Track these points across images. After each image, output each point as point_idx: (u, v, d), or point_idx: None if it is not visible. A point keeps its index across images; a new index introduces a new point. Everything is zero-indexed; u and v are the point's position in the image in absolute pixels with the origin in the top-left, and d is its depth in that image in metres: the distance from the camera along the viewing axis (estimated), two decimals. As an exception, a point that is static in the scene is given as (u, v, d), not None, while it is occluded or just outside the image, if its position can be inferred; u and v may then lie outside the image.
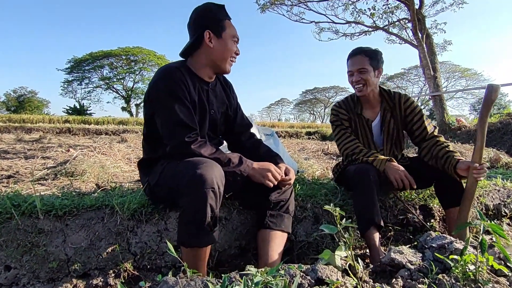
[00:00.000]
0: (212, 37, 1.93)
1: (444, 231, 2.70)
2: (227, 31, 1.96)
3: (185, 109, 1.84)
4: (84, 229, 1.88)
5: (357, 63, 2.45)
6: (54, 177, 3.41)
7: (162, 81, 1.86)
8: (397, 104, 2.56)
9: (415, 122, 2.53)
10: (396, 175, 2.26)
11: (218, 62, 1.98)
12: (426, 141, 2.48)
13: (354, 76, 2.47)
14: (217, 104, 2.09)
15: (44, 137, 9.46)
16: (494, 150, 6.53)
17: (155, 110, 1.90)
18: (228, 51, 1.97)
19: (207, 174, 1.58)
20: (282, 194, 2.05)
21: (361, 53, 2.46)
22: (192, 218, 1.59)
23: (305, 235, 2.36)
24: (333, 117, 2.64)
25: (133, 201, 2.02)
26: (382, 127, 2.57)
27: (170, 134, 1.82)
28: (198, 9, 1.98)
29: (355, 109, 2.59)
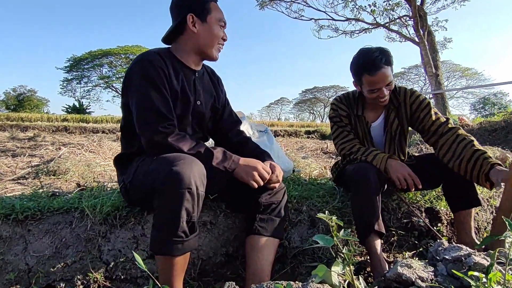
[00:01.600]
0: (196, 21, 1.76)
1: (452, 236, 2.51)
2: (212, 14, 1.78)
3: (161, 97, 1.64)
4: (48, 235, 1.68)
5: (385, 78, 2.07)
6: (35, 176, 3.21)
7: (138, 65, 1.68)
8: (403, 102, 2.28)
9: (423, 117, 2.20)
10: (399, 174, 2.03)
11: (204, 48, 1.80)
12: (443, 137, 2.12)
13: (380, 91, 2.10)
14: (205, 95, 1.90)
15: (39, 135, 9.28)
16: (500, 149, 6.35)
17: (129, 97, 1.70)
18: (214, 36, 1.80)
19: (184, 172, 1.37)
20: (273, 195, 1.83)
21: (385, 64, 2.06)
22: (164, 222, 1.39)
23: (299, 240, 2.15)
24: (332, 112, 2.39)
25: (106, 203, 1.81)
26: (385, 128, 2.32)
27: (143, 122, 1.62)
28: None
29: (355, 109, 2.33)
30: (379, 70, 2.04)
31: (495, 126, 9.10)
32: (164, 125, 1.60)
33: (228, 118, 2.07)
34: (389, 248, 2.34)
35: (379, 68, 2.04)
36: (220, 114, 2.03)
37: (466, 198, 2.16)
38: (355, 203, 2.08)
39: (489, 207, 2.79)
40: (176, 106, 1.73)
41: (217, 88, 2.02)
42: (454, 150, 2.06)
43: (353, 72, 2.22)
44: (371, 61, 2.06)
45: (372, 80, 2.07)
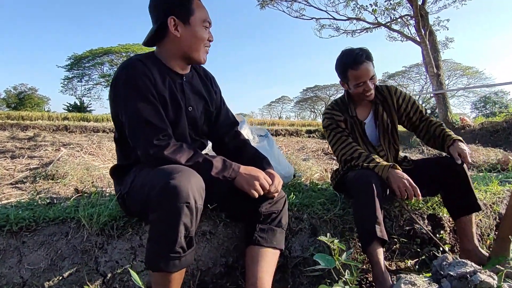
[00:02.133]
0: (178, 24, 1.66)
1: (455, 243, 2.47)
2: (196, 15, 1.68)
3: (150, 106, 1.57)
4: (44, 247, 1.63)
5: (367, 72, 2.26)
6: (33, 180, 3.18)
7: (121, 75, 1.60)
8: (388, 96, 2.46)
9: (410, 108, 2.46)
10: (400, 184, 2.01)
11: (189, 52, 1.71)
12: (423, 122, 2.45)
13: (365, 85, 2.28)
14: (195, 99, 1.82)
15: (39, 134, 9.24)
16: (501, 151, 6.32)
17: (117, 110, 1.65)
18: (198, 39, 1.70)
19: (182, 185, 1.33)
20: (274, 204, 1.78)
21: (366, 59, 2.26)
22: (161, 238, 1.34)
23: (300, 249, 2.12)
24: (327, 121, 2.44)
25: (103, 213, 1.76)
26: (376, 122, 2.43)
27: (135, 136, 1.57)
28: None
29: (349, 111, 2.43)
30: (362, 64, 2.24)
31: (497, 127, 9.12)
32: (159, 137, 1.54)
33: (224, 120, 2.00)
34: (391, 256, 2.30)
35: (362, 63, 2.24)
36: (216, 116, 1.96)
37: (465, 203, 2.14)
38: (357, 210, 2.08)
39: (492, 213, 2.75)
40: (167, 112, 1.66)
41: (210, 89, 1.93)
42: (430, 131, 2.39)
43: (339, 71, 2.39)
44: (354, 58, 2.26)
45: (357, 74, 2.26)
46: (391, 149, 2.48)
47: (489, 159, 5.43)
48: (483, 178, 3.33)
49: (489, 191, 2.89)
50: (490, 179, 3.23)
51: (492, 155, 5.73)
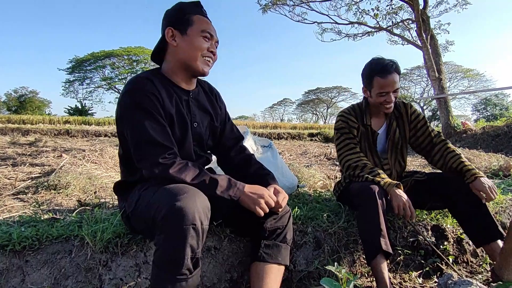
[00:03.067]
0: (175, 34, 1.69)
1: (458, 254, 2.45)
2: (194, 26, 1.69)
3: (157, 126, 1.57)
4: (47, 266, 1.62)
5: (393, 83, 2.23)
6: (35, 190, 3.16)
7: (128, 94, 1.60)
8: (404, 112, 2.46)
9: (420, 127, 2.44)
10: (400, 203, 2.03)
11: (188, 62, 1.71)
12: (437, 146, 2.39)
13: (387, 96, 2.25)
14: (201, 115, 1.83)
15: (40, 139, 9.22)
16: (503, 156, 6.30)
17: (123, 128, 1.64)
18: (195, 48, 1.69)
19: (188, 207, 1.32)
20: (278, 220, 1.78)
21: (395, 71, 2.25)
22: (167, 260, 1.33)
23: (305, 263, 2.11)
24: (342, 123, 2.41)
25: (107, 230, 1.75)
26: (388, 136, 2.41)
27: (141, 155, 1.56)
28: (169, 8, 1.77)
29: (364, 120, 2.40)
30: (390, 74, 2.22)
31: (498, 131, 9.13)
32: (164, 155, 1.53)
33: (229, 135, 2.01)
34: (395, 268, 2.29)
35: (390, 73, 2.22)
36: (220, 131, 1.97)
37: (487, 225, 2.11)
38: (361, 223, 2.08)
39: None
40: (174, 130, 1.67)
41: (215, 105, 1.94)
42: (445, 158, 2.32)
43: (365, 76, 2.35)
44: (383, 66, 2.24)
45: (383, 82, 2.23)
46: (396, 165, 2.48)
47: (491, 165, 5.41)
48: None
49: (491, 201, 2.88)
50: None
51: (494, 161, 5.71)
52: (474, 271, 2.38)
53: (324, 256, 2.16)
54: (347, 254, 2.22)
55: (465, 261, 2.45)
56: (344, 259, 2.20)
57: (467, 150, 6.59)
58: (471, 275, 2.33)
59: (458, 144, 9.06)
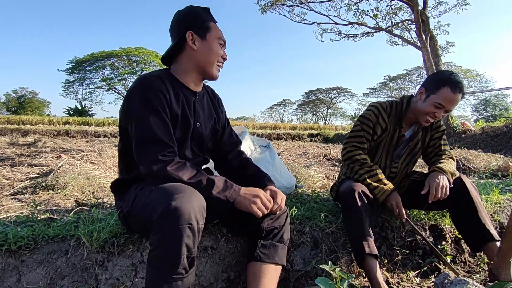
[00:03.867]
0: (195, 38, 1.73)
1: (456, 254, 2.45)
2: (212, 33, 1.76)
3: (162, 123, 1.59)
4: (43, 266, 1.62)
5: (455, 102, 2.18)
6: (33, 191, 3.16)
7: (137, 89, 1.62)
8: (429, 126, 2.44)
9: (434, 138, 2.45)
10: (393, 202, 2.15)
11: (204, 66, 1.76)
12: (438, 156, 2.41)
13: (440, 111, 2.19)
14: (204, 116, 1.85)
15: (39, 140, 9.24)
16: (502, 157, 6.30)
17: (128, 123, 1.65)
18: (214, 54, 1.76)
19: (184, 206, 1.32)
20: (275, 220, 1.78)
21: (462, 94, 2.18)
22: (163, 260, 1.33)
23: (302, 263, 2.11)
24: (372, 115, 2.33)
25: (103, 230, 1.75)
26: (409, 143, 2.40)
27: (141, 150, 1.57)
28: (181, 11, 1.80)
29: (398, 121, 2.34)
30: (459, 93, 2.15)
31: (497, 131, 9.14)
32: (164, 153, 1.55)
33: (228, 139, 2.03)
34: (393, 268, 2.29)
35: (460, 92, 2.15)
36: (220, 135, 1.99)
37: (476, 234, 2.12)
38: (347, 227, 2.14)
39: (493, 223, 2.73)
40: (176, 130, 1.68)
41: (217, 109, 1.98)
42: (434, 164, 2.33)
43: (436, 80, 2.23)
44: (459, 82, 2.16)
45: (449, 96, 2.15)
46: (403, 171, 2.48)
47: (490, 165, 5.42)
48: (484, 187, 3.32)
49: (490, 201, 2.89)
50: (490, 187, 3.22)
51: (492, 161, 5.72)
52: (472, 270, 2.38)
53: (321, 255, 2.16)
54: (345, 254, 2.22)
55: (463, 261, 2.46)
56: (341, 258, 2.20)
57: (466, 151, 6.59)
58: (469, 275, 2.33)
59: (457, 144, 9.06)
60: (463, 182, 2.18)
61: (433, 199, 2.05)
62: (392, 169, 2.41)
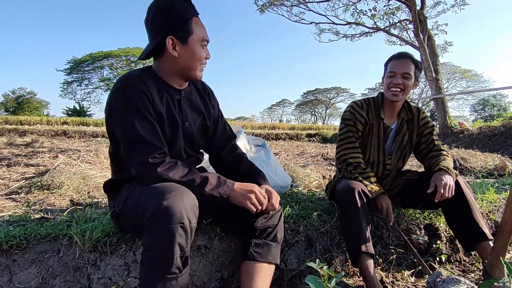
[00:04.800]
0: (176, 44, 1.62)
1: (451, 253, 2.45)
2: (194, 35, 1.64)
3: (148, 124, 1.55)
4: (35, 265, 1.61)
5: (403, 66, 2.29)
6: (28, 190, 3.15)
7: (118, 91, 1.56)
8: (415, 117, 2.48)
9: (425, 134, 2.47)
10: (384, 204, 2.20)
11: (186, 71, 1.69)
12: (432, 152, 2.43)
13: (395, 78, 2.30)
14: (192, 115, 1.80)
15: (37, 140, 9.20)
16: (499, 156, 6.31)
17: (113, 126, 1.62)
18: (196, 59, 1.67)
19: (175, 206, 1.31)
20: (269, 219, 1.77)
21: (409, 58, 2.32)
22: (156, 260, 1.32)
23: (296, 262, 2.10)
24: (349, 114, 2.42)
25: (96, 230, 1.74)
26: (396, 137, 2.43)
27: (130, 154, 1.54)
28: (159, 3, 1.63)
29: (378, 114, 2.42)
30: (404, 58, 2.32)
31: (495, 131, 9.19)
32: (154, 155, 1.52)
33: (221, 134, 1.99)
34: (388, 267, 2.29)
35: (404, 57, 2.32)
36: (213, 130, 1.94)
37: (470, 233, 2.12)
38: (343, 225, 2.14)
39: (489, 222, 2.73)
40: (164, 129, 1.65)
41: (208, 104, 1.91)
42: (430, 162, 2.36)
43: (385, 63, 2.42)
44: (401, 52, 2.38)
45: (395, 63, 2.32)
46: (398, 165, 2.51)
47: (487, 165, 5.44)
48: (480, 186, 3.32)
49: (485, 200, 2.89)
50: (486, 186, 3.23)
51: (489, 160, 5.73)
52: (467, 269, 2.38)
53: (316, 255, 2.16)
54: (339, 253, 2.22)
55: (458, 260, 2.46)
56: (336, 258, 2.19)
57: (463, 150, 6.59)
58: (463, 274, 2.33)
59: (454, 144, 9.07)
60: (457, 181, 2.18)
61: (440, 199, 2.03)
62: (386, 166, 2.43)
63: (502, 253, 1.83)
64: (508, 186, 3.43)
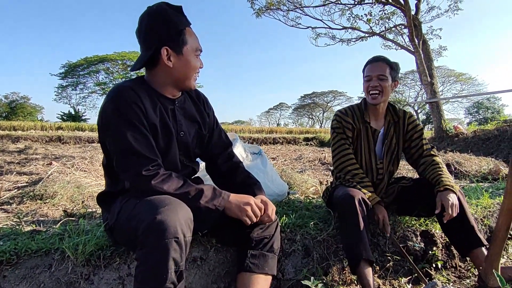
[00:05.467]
0: (171, 54, 1.62)
1: (447, 259, 2.45)
2: (188, 45, 1.65)
3: (141, 137, 1.53)
4: (26, 281, 1.57)
5: (377, 69, 2.35)
6: (21, 201, 3.10)
7: (110, 103, 1.55)
8: (401, 120, 2.51)
9: (415, 139, 2.49)
10: (380, 216, 2.22)
11: (181, 81, 1.69)
12: (423, 158, 2.44)
13: (372, 81, 2.35)
14: (187, 124, 1.79)
15: (30, 147, 9.12)
16: (493, 160, 6.34)
17: (105, 138, 1.60)
18: (191, 69, 1.68)
19: (170, 220, 1.29)
20: (265, 230, 1.76)
21: (382, 60, 2.38)
22: (150, 276, 1.29)
23: (294, 271, 2.09)
24: (336, 123, 2.47)
25: (89, 243, 1.70)
26: (385, 140, 2.46)
27: (123, 167, 1.52)
28: (152, 13, 1.63)
29: (363, 118, 2.45)
30: (376, 61, 2.38)
31: (489, 134, 9.28)
32: (147, 167, 1.50)
33: (217, 142, 1.97)
34: (384, 274, 2.28)
35: (377, 60, 2.39)
36: (208, 138, 1.93)
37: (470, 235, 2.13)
38: (342, 232, 2.16)
39: (483, 227, 2.73)
40: (158, 140, 1.63)
41: (202, 112, 1.89)
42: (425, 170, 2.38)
43: (362, 69, 2.48)
44: (373, 56, 2.44)
45: (369, 67, 2.39)
46: (390, 169, 2.52)
47: (481, 169, 5.47)
48: (475, 191, 3.33)
49: (480, 205, 2.89)
50: (481, 191, 3.23)
51: (483, 164, 5.76)
52: (463, 275, 2.38)
53: (313, 264, 2.14)
54: (337, 262, 2.20)
55: (453, 266, 2.46)
56: (333, 266, 2.18)
57: (458, 154, 6.61)
58: (459, 280, 2.33)
59: (449, 147, 9.11)
60: None
61: (447, 219, 2.04)
62: (379, 170, 2.46)
63: (496, 260, 1.83)
64: (502, 190, 3.43)
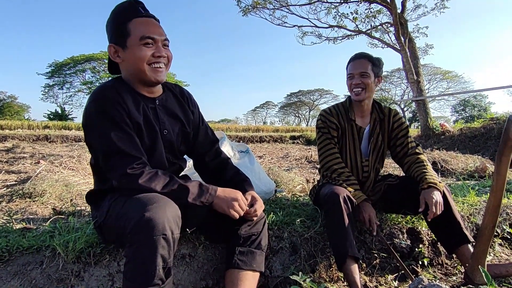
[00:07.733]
0: (117, 50, 1.62)
1: (433, 256, 2.50)
2: (132, 36, 1.59)
3: (124, 136, 1.54)
4: (17, 278, 1.58)
5: (359, 67, 2.37)
6: (10, 199, 3.09)
7: (93, 104, 1.55)
8: (387, 117, 2.53)
9: (400, 137, 2.51)
10: (366, 215, 2.22)
11: (137, 74, 1.65)
12: (408, 157, 2.45)
13: (354, 79, 2.38)
14: (170, 122, 1.78)
15: (18, 145, 9.03)
16: (480, 158, 6.42)
17: (90, 139, 1.61)
18: (138, 60, 1.60)
19: (157, 217, 1.31)
20: (253, 226, 1.78)
21: (364, 57, 2.40)
22: (138, 272, 1.31)
23: (281, 269, 2.11)
24: (321, 123, 2.50)
25: (79, 240, 1.72)
26: (371, 138, 2.48)
27: (109, 166, 1.53)
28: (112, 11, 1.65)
29: (348, 116, 2.48)
30: (358, 58, 2.41)
31: (475, 132, 9.32)
32: (132, 166, 1.50)
33: (203, 139, 1.96)
34: (371, 271, 2.32)
35: (358, 57, 2.41)
36: (194, 136, 1.92)
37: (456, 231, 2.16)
38: (329, 229, 2.16)
39: (470, 225, 2.78)
40: (143, 139, 1.64)
41: (186, 110, 1.87)
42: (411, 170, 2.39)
43: (346, 67, 2.49)
44: (357, 53, 2.46)
45: (350, 65, 2.42)
46: (376, 167, 2.55)
47: (468, 166, 5.53)
48: (461, 188, 3.38)
49: (466, 203, 2.94)
50: (467, 189, 3.28)
51: (470, 162, 5.82)
52: (449, 273, 2.42)
53: (300, 261, 2.17)
54: (324, 259, 2.24)
55: (440, 263, 2.50)
56: (320, 263, 2.21)
57: (444, 152, 6.68)
58: (445, 277, 2.37)
59: (436, 146, 9.18)
60: None
61: (432, 217, 2.06)
62: (364, 168, 2.48)
63: (482, 257, 1.87)
64: (488, 188, 3.49)
